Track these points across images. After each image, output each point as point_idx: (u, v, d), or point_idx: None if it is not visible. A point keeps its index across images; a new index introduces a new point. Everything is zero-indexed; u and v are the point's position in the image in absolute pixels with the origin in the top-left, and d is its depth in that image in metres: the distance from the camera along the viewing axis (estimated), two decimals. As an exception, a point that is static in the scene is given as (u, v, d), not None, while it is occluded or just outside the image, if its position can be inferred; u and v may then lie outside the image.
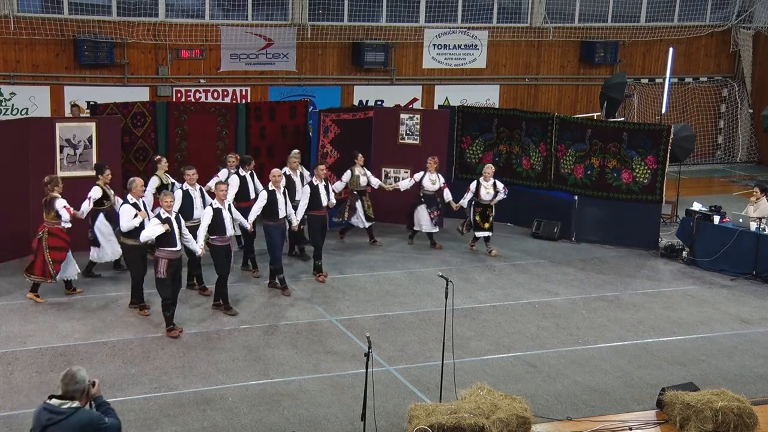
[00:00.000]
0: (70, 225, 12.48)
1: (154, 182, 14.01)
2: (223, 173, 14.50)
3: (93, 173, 14.30)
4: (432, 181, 15.85)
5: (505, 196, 15.71)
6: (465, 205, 15.76)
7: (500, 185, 15.67)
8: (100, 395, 6.35)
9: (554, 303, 13.47)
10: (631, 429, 9.69)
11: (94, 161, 14.46)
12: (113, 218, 13.05)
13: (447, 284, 9.83)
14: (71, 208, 12.48)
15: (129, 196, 12.28)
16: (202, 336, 11.62)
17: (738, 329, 12.72)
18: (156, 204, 13.05)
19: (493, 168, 15.84)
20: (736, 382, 10.77)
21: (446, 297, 9.77)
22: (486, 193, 15.58)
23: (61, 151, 14.33)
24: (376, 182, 15.92)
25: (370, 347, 8.60)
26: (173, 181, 14.11)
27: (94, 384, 6.30)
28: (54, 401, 6.16)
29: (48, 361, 10.72)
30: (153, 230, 11.47)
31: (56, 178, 12.69)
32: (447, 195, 15.86)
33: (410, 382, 10.54)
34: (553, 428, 9.67)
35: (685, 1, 24.01)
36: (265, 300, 13.08)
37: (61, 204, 12.41)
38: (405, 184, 16.10)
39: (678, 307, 13.55)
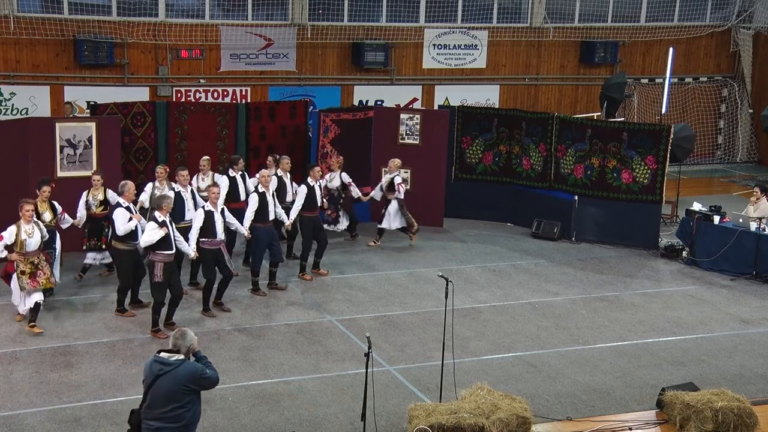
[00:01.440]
0: None
1: (82, 201, 13.06)
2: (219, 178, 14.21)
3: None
4: (330, 179, 15.78)
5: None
6: (376, 197, 16.00)
7: (347, 178, 15.73)
8: (198, 350, 7.28)
9: (554, 303, 13.47)
10: (631, 429, 9.69)
11: (95, 161, 14.47)
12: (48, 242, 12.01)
13: (447, 284, 9.83)
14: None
15: (121, 200, 12.06)
16: (201, 336, 11.55)
17: (738, 329, 12.72)
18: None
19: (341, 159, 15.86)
20: (736, 382, 10.77)
21: (446, 297, 9.77)
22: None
23: (61, 151, 14.32)
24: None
25: (370, 347, 8.60)
26: (112, 195, 13.11)
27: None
28: (163, 354, 7.11)
29: (48, 361, 10.72)
30: (153, 235, 11.26)
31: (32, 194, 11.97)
32: (355, 192, 15.79)
33: (410, 382, 10.54)
34: (553, 428, 9.67)
35: (685, 1, 24.00)
36: (265, 300, 13.08)
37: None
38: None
39: (678, 307, 13.55)
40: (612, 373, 11.05)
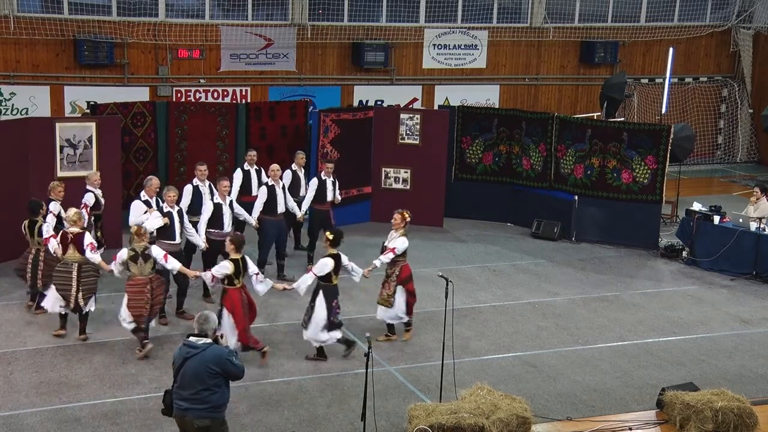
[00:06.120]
0: None
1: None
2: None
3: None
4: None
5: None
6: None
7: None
8: (226, 345, 8.00)
9: (554, 303, 13.47)
10: (631, 429, 9.69)
11: (95, 161, 14.47)
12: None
13: (447, 284, 9.84)
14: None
15: (142, 193, 12.46)
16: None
17: (738, 329, 12.72)
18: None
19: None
20: (736, 382, 10.78)
21: (446, 297, 9.77)
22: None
23: (61, 151, 14.33)
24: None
25: (370, 347, 8.61)
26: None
27: (222, 336, 7.91)
28: (192, 338, 7.52)
29: (48, 361, 10.72)
30: (153, 222, 11.76)
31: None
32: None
33: (410, 382, 10.54)
34: (553, 428, 9.67)
35: (685, 1, 24.00)
36: (265, 300, 13.06)
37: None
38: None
39: (678, 307, 13.55)
40: (612, 373, 11.05)
